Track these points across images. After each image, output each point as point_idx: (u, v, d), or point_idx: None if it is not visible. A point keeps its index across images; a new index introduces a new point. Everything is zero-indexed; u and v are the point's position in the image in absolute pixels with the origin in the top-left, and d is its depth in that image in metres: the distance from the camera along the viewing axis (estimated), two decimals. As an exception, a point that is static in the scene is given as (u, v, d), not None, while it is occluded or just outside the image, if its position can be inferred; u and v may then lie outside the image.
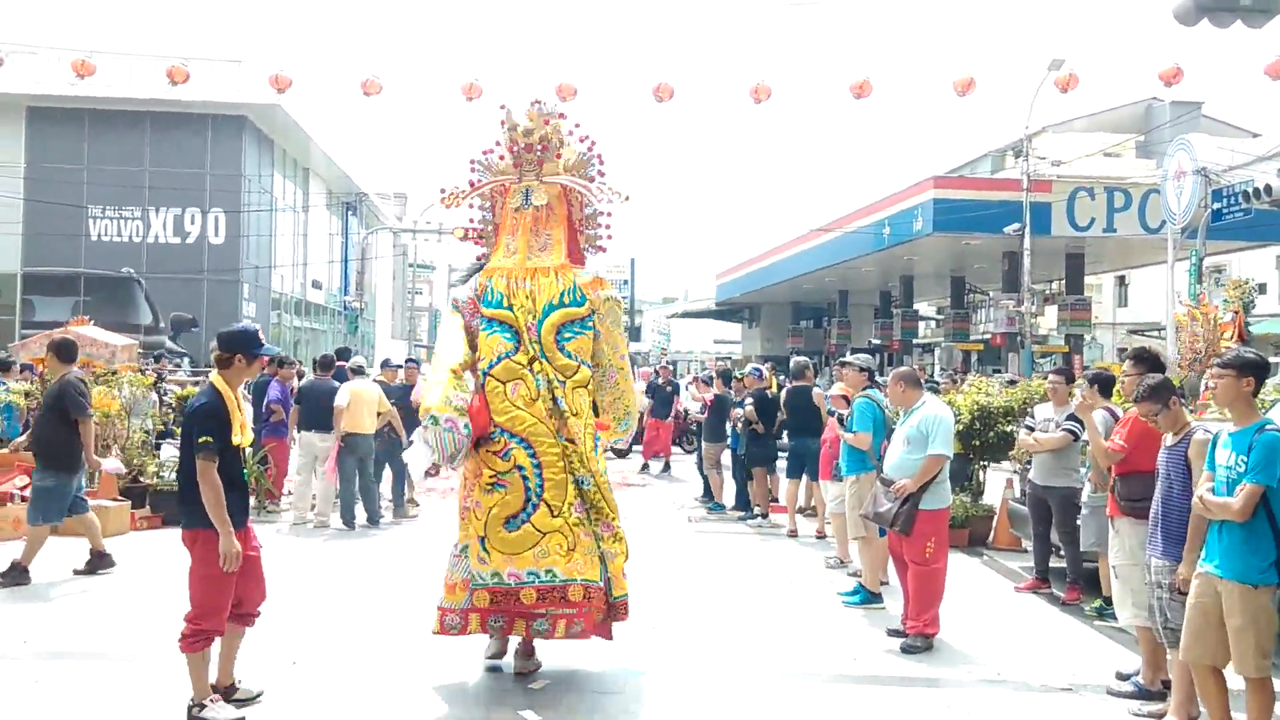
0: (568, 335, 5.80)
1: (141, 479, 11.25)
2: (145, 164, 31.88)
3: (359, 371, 11.62)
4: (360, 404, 11.02)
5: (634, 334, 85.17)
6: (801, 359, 12.05)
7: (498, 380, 5.70)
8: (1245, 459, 4.62)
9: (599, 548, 5.66)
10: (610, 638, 5.97)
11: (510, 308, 5.81)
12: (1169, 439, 5.34)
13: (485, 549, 5.52)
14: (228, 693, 5.19)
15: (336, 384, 11.29)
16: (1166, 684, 5.54)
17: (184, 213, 32.23)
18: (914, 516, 6.66)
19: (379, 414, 11.18)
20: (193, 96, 28.35)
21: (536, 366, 5.72)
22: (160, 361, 16.67)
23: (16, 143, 31.62)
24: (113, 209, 31.89)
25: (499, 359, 5.71)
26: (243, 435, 5.16)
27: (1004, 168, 36.91)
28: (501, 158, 6.31)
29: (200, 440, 4.91)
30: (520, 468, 5.56)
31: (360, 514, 11.11)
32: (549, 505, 5.54)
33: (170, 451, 12.22)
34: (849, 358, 9.64)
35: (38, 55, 27.28)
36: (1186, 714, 5.22)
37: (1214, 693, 4.79)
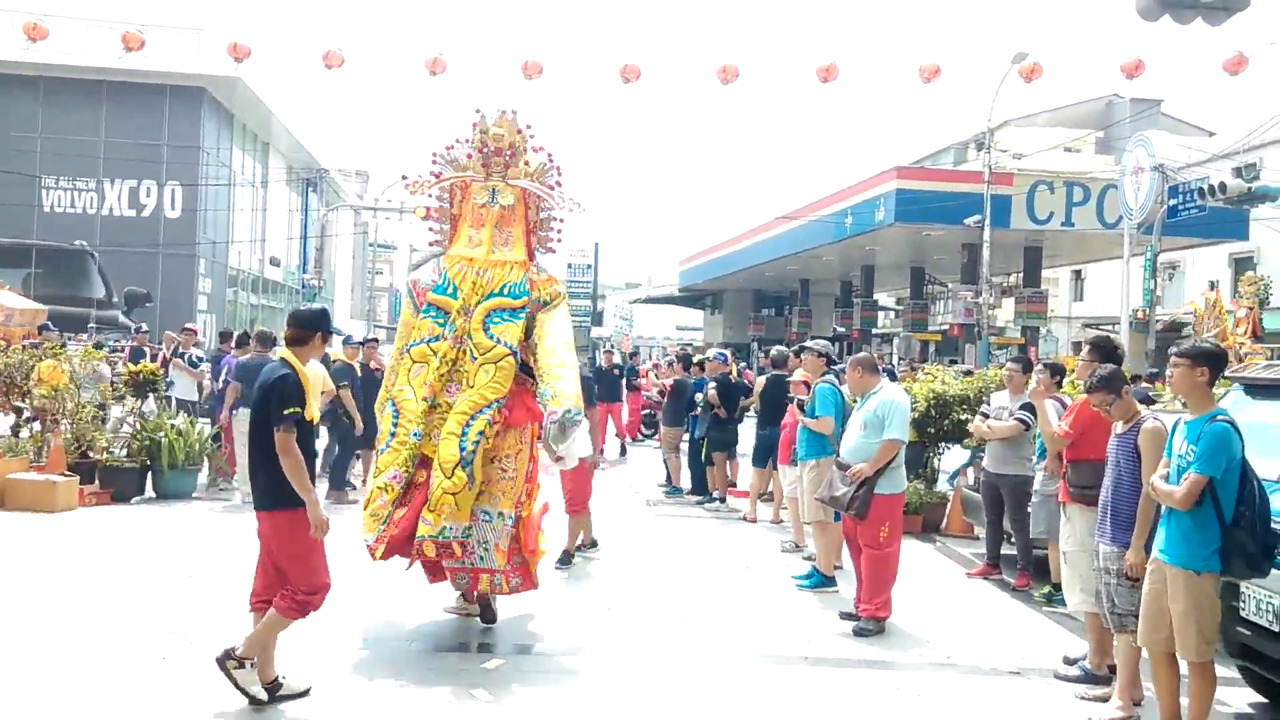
0: (496, 320, 6.30)
1: (91, 454, 11.05)
2: (101, 134, 31.26)
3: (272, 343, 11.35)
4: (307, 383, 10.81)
5: (596, 319, 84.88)
6: (783, 348, 11.96)
7: (411, 358, 6.37)
8: (1194, 448, 4.71)
9: (439, 518, 5.94)
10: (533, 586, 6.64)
11: (453, 294, 6.37)
12: (1119, 427, 5.42)
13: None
14: (225, 658, 5.00)
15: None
16: (1112, 668, 5.64)
17: (140, 185, 31.66)
18: (869, 501, 6.71)
19: (322, 393, 10.98)
20: (151, 66, 27.84)
21: (452, 350, 6.28)
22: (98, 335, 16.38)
23: (-34, 109, 30.89)
24: (66, 179, 31.25)
25: (419, 342, 6.36)
26: (315, 411, 5.22)
27: (966, 160, 37.20)
28: (469, 155, 6.81)
29: (285, 413, 4.91)
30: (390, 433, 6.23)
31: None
32: (377, 467, 6.25)
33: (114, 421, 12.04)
34: (808, 343, 9.67)
35: (-10, 20, 26.57)
36: (1130, 697, 5.31)
37: (1166, 678, 4.89)
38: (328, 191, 47.73)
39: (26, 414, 11.58)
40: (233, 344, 12.57)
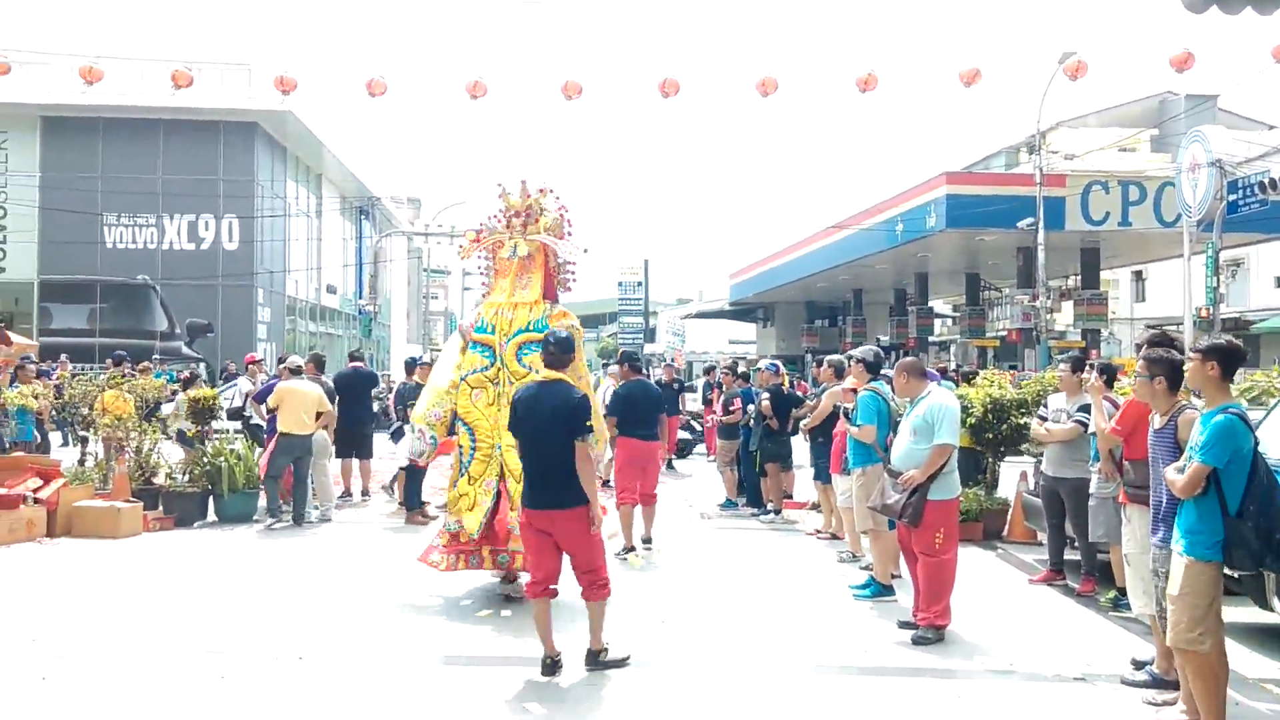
0: (526, 352, 7.71)
1: (154, 480, 11.29)
2: (159, 171, 32.07)
3: (296, 371, 11.53)
4: (294, 404, 10.93)
5: (648, 335, 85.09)
6: (839, 358, 11.80)
7: (469, 385, 7.82)
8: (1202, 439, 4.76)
9: (493, 510, 7.54)
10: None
11: (492, 331, 7.89)
12: (1156, 421, 5.32)
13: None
14: (596, 656, 5.98)
15: (328, 382, 11.64)
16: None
17: (198, 219, 32.41)
18: (922, 507, 6.60)
19: (319, 414, 11.09)
20: (203, 104, 28.55)
21: (501, 375, 7.76)
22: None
23: (31, 152, 31.89)
24: (127, 216, 32.10)
25: (474, 371, 7.84)
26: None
27: (1018, 164, 36.73)
28: (498, 222, 8.38)
29: (588, 424, 5.87)
30: (460, 448, 7.76)
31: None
32: (469, 475, 7.64)
33: (175, 450, 12.27)
34: (853, 351, 9.57)
35: (50, 65, 27.45)
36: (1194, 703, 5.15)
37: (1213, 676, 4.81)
38: (380, 219, 48.45)
39: (90, 443, 11.85)
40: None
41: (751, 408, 12.11)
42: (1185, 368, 5.09)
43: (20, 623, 6.83)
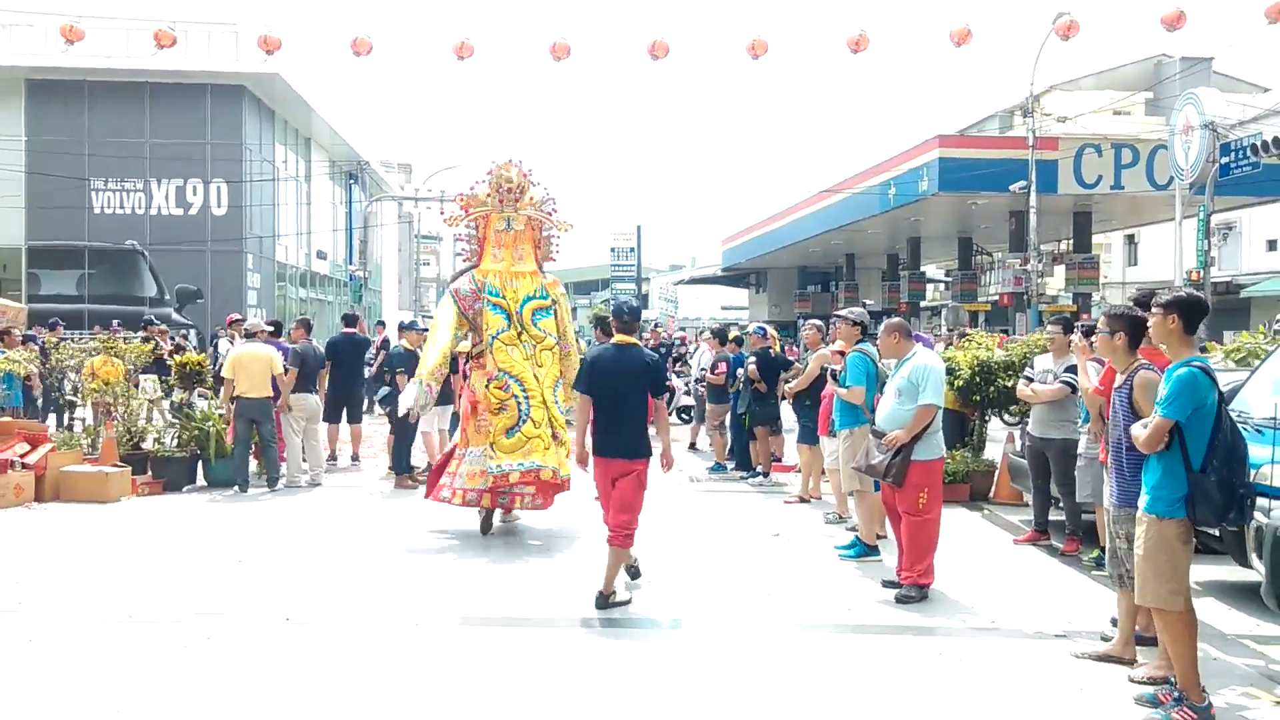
0: (539, 317, 8.74)
1: (142, 445, 11.27)
2: (146, 135, 31.79)
3: (250, 336, 11.49)
4: (249, 367, 10.87)
5: (642, 302, 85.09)
6: (818, 322, 11.70)
7: (503, 343, 8.52)
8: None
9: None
10: (548, 506, 8.76)
11: (504, 297, 8.65)
12: (1119, 379, 5.33)
13: (493, 449, 8.28)
14: (606, 599, 6.39)
15: (318, 347, 11.62)
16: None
17: (185, 184, 32.16)
18: (906, 468, 6.63)
19: (274, 376, 10.98)
20: (190, 66, 28.22)
21: (523, 336, 8.60)
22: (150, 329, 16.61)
23: (16, 116, 31.56)
24: (114, 181, 31.84)
25: (501, 330, 8.54)
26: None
27: (1012, 127, 36.56)
28: (488, 194, 9.03)
29: (664, 382, 6.63)
30: (515, 397, 8.36)
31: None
32: (533, 420, 8.33)
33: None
34: (841, 311, 9.56)
35: (35, 27, 27.13)
36: (1128, 654, 5.38)
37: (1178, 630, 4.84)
38: (370, 184, 48.15)
39: (78, 408, 11.82)
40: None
41: (741, 372, 12.11)
42: (1149, 323, 5.05)
43: (7, 586, 6.85)
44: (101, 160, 31.28)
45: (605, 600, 6.37)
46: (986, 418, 11.12)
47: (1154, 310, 4.94)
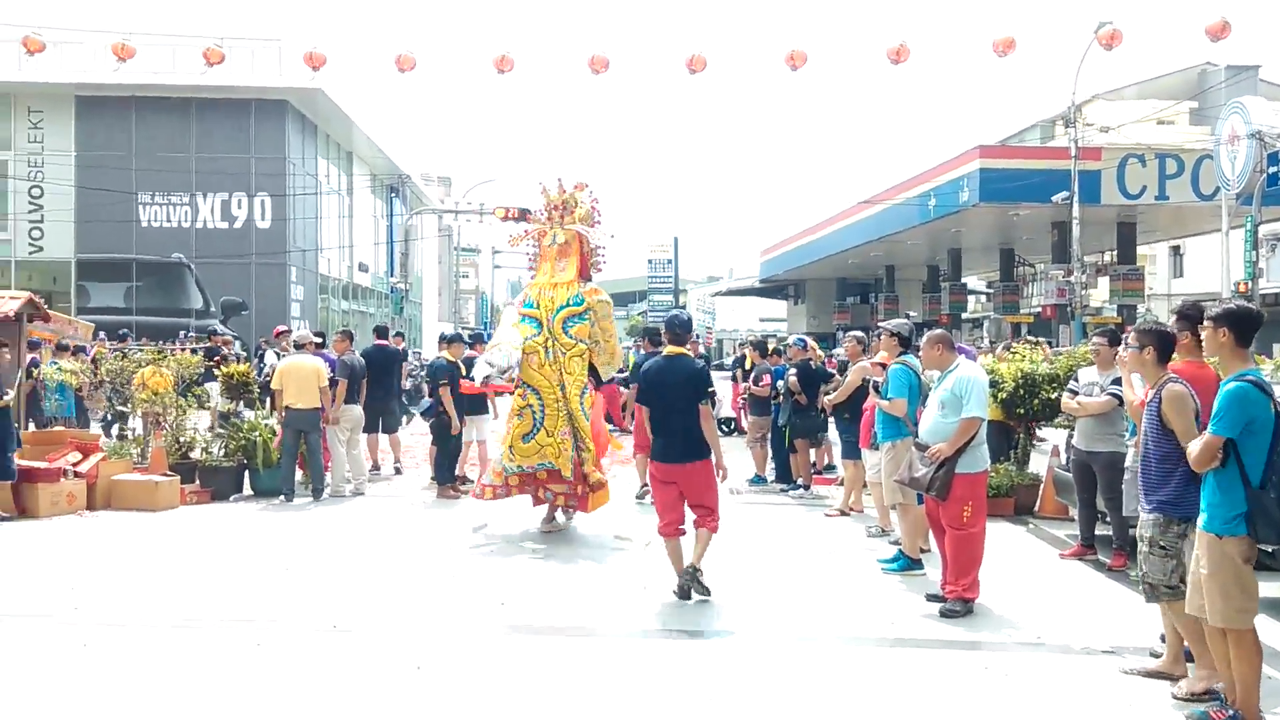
0: (570, 324, 9.23)
1: (191, 455, 11.45)
2: (191, 150, 32.33)
3: (299, 347, 11.61)
4: (297, 378, 10.96)
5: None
6: (859, 334, 11.66)
7: (524, 350, 9.10)
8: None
9: (575, 454, 8.98)
10: (588, 510, 9.25)
11: (537, 307, 9.34)
12: (1148, 393, 5.33)
13: (512, 452, 8.99)
14: (694, 573, 6.90)
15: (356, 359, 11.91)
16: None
17: (230, 197, 32.64)
18: (950, 481, 6.58)
19: (320, 388, 11.05)
20: (234, 81, 28.67)
21: (550, 344, 9.14)
22: (214, 339, 16.87)
23: (67, 132, 32.21)
24: (161, 195, 32.39)
25: (528, 339, 9.16)
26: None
27: (1054, 137, 36.23)
28: (542, 215, 9.88)
29: (710, 390, 7.15)
30: (530, 406, 9.02)
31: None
32: (546, 429, 8.94)
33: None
34: (884, 324, 9.53)
35: (84, 44, 27.71)
36: (1179, 671, 5.25)
37: (1219, 649, 4.77)
38: (411, 197, 48.62)
39: (130, 418, 12.03)
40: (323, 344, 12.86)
41: (780, 383, 12.08)
42: (1202, 335, 4.97)
43: (63, 592, 6.99)
44: (149, 175, 31.85)
45: (694, 574, 6.90)
46: (1032, 429, 10.98)
47: (1205, 323, 4.89)
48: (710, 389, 7.18)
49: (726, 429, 17.87)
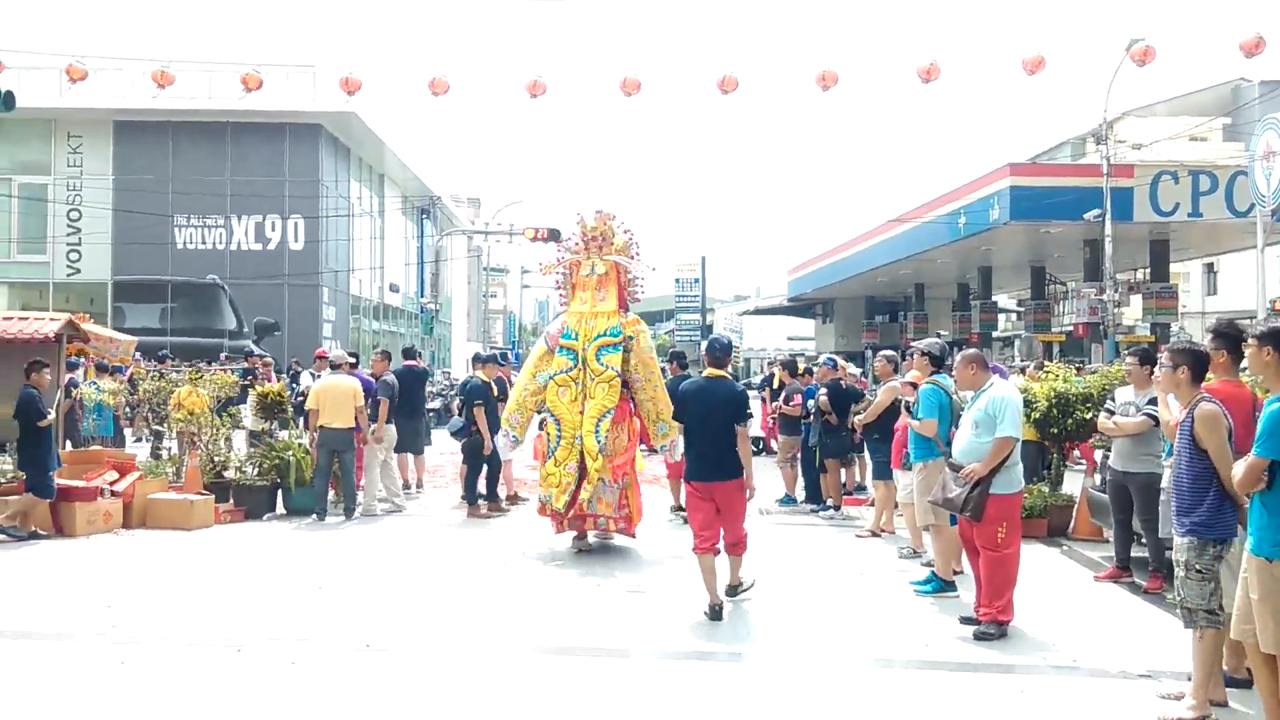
0: (605, 353, 9.33)
1: (225, 474, 11.56)
2: (226, 173, 32.74)
3: (335, 367, 11.71)
4: (333, 397, 11.05)
5: (705, 332, 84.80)
6: (892, 353, 11.62)
7: (557, 383, 9.35)
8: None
9: (592, 486, 9.02)
10: (633, 534, 9.72)
11: (575, 337, 9.44)
12: (1181, 413, 5.30)
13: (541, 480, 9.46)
14: (733, 591, 7.43)
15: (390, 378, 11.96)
16: (1250, 670, 5.35)
17: (264, 219, 33.00)
18: (984, 502, 6.54)
19: (357, 408, 11.14)
20: (269, 106, 29.02)
21: (582, 375, 9.27)
22: (251, 360, 17.09)
23: (105, 155, 32.72)
24: (197, 217, 32.80)
25: (561, 371, 9.36)
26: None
27: (1085, 155, 35.99)
28: (576, 245, 9.97)
29: (747, 412, 7.50)
30: (548, 435, 9.34)
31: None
32: (556, 459, 9.15)
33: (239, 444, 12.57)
34: (916, 344, 9.51)
35: (122, 70, 28.16)
36: (1204, 696, 5.11)
37: (1263, 675, 4.71)
38: (441, 218, 48.98)
39: (165, 437, 12.18)
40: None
41: (811, 403, 12.05)
42: (1246, 353, 4.95)
43: (100, 610, 7.07)
44: (185, 198, 32.28)
45: (734, 590, 7.43)
46: (1067, 450, 10.89)
47: (1250, 342, 4.86)
48: (748, 412, 7.50)
49: (756, 448, 17.74)
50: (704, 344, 7.96)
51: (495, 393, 11.60)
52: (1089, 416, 10.17)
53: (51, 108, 30.04)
